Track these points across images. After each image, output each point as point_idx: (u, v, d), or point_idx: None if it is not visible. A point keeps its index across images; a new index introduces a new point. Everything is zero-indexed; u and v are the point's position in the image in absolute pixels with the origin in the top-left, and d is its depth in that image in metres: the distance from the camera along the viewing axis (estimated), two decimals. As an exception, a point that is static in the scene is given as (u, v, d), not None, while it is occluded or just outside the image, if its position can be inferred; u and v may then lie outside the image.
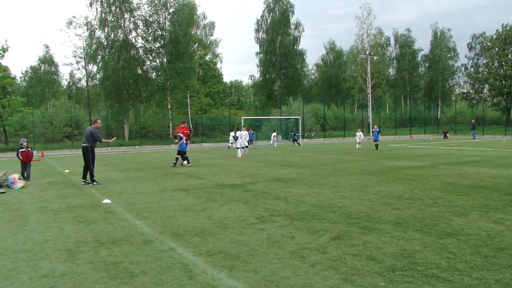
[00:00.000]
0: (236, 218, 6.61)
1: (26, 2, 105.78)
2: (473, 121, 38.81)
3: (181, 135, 16.13)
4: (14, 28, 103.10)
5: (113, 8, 38.17)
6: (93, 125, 11.67)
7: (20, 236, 5.81)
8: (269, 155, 21.18)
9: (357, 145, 24.98)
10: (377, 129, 23.92)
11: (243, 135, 21.20)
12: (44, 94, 60.80)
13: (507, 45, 50.96)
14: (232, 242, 5.23)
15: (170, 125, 39.28)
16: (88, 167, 11.29)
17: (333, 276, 3.97)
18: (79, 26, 42.46)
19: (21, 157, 11.99)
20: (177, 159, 15.88)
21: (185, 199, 8.46)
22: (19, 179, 11.26)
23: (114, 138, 15.45)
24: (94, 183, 11.12)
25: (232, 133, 30.98)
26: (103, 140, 11.97)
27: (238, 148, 21.01)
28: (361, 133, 25.84)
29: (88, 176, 11.34)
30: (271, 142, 32.62)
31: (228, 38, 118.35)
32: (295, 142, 32.05)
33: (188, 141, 20.20)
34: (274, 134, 33.24)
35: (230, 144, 30.32)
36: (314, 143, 35.60)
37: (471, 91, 58.87)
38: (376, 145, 23.09)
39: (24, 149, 11.96)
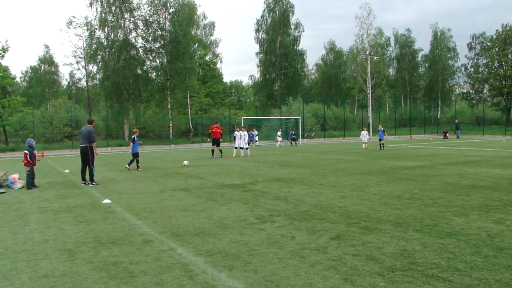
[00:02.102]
0: (236, 218, 6.61)
1: (26, 2, 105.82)
2: (456, 121, 41.23)
3: (135, 137, 15.41)
4: (14, 28, 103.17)
5: (113, 8, 38.14)
6: (88, 125, 11.52)
7: (20, 236, 5.81)
8: (269, 155, 21.18)
9: (363, 145, 25.02)
10: (382, 129, 24.31)
11: (243, 135, 21.23)
12: (44, 94, 60.76)
13: (507, 45, 50.94)
14: (232, 242, 5.23)
15: (170, 125, 39.28)
16: (87, 167, 11.26)
17: (333, 276, 3.97)
18: (79, 26, 42.56)
19: (34, 161, 10.94)
20: (131, 161, 15.28)
21: (185, 199, 8.46)
22: (18, 179, 11.25)
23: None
24: (94, 183, 11.10)
25: (255, 132, 31.80)
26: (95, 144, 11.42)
27: (237, 147, 21.07)
28: (366, 132, 26.06)
29: (87, 177, 11.31)
30: (279, 142, 31.69)
31: (228, 38, 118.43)
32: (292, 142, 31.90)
33: (221, 140, 20.46)
34: (279, 133, 32.51)
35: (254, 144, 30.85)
36: (314, 143, 35.60)
37: (471, 91, 58.86)
38: (381, 144, 23.44)
39: (35, 151, 11.42)
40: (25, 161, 10.94)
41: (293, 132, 32.48)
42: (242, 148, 20.94)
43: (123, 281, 3.99)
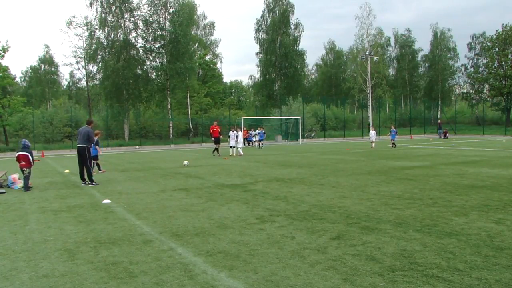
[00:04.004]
0: (236, 218, 6.61)
1: (26, 2, 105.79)
2: (439, 121, 42.33)
3: (97, 139, 14.52)
4: (14, 28, 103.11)
5: (113, 8, 38.14)
6: (87, 126, 11.47)
7: (20, 236, 5.81)
8: (269, 155, 21.19)
9: (372, 144, 25.80)
10: (394, 129, 26.04)
11: (239, 135, 21.43)
12: (44, 94, 60.75)
13: (507, 45, 50.93)
14: (232, 242, 5.23)
15: (170, 125, 39.28)
16: (86, 167, 11.16)
17: (333, 276, 3.97)
18: (79, 26, 42.69)
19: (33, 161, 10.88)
20: (97, 165, 14.39)
21: (185, 199, 8.46)
22: (18, 179, 11.24)
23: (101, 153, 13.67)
24: (93, 183, 11.09)
25: (253, 132, 31.51)
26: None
27: (234, 147, 21.32)
28: (374, 132, 26.98)
29: (86, 177, 11.26)
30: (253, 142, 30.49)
31: (228, 38, 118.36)
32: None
33: (221, 137, 21.18)
34: (259, 131, 30.59)
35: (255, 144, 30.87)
36: (314, 143, 35.60)
37: (471, 91, 58.79)
38: (394, 144, 25.18)
39: None
40: (24, 162, 10.62)
41: (253, 133, 31.23)
42: (233, 147, 21.19)
43: (123, 281, 3.99)
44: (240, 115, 42.10)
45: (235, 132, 21.51)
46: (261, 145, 29.94)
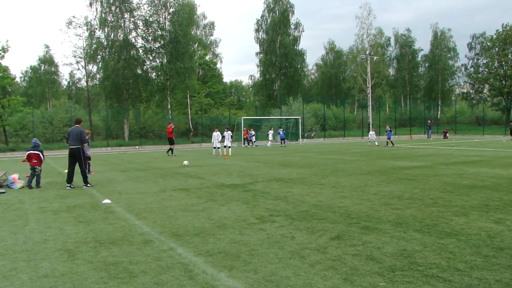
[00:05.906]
0: (236, 218, 6.61)
1: (26, 2, 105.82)
2: (429, 121, 42.97)
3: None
4: (14, 28, 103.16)
5: (113, 8, 38.13)
6: (77, 125, 10.90)
7: (20, 236, 5.81)
8: (269, 155, 21.19)
9: (375, 142, 27.86)
10: (389, 129, 28.35)
11: (215, 136, 21.59)
12: (44, 94, 60.78)
13: (507, 45, 50.96)
14: (232, 242, 5.23)
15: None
16: (80, 169, 10.72)
17: (333, 276, 3.97)
18: (79, 26, 42.58)
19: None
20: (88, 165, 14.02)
21: (185, 199, 8.46)
22: (18, 179, 11.24)
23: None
24: (88, 185, 10.72)
25: (252, 132, 32.28)
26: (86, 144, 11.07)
27: (228, 147, 21.60)
28: (373, 132, 29.36)
29: (75, 179, 10.79)
30: (269, 142, 31.72)
31: (228, 38, 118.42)
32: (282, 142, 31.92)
33: (173, 137, 22.07)
34: (279, 130, 32.38)
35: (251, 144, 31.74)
36: (314, 143, 35.60)
37: (471, 91, 58.85)
38: (388, 142, 27.19)
39: None
40: (36, 161, 10.97)
41: (252, 133, 32.61)
42: (216, 147, 21.56)
43: (123, 281, 3.99)
44: (240, 115, 42.11)
45: (218, 132, 21.65)
46: (283, 143, 31.39)
